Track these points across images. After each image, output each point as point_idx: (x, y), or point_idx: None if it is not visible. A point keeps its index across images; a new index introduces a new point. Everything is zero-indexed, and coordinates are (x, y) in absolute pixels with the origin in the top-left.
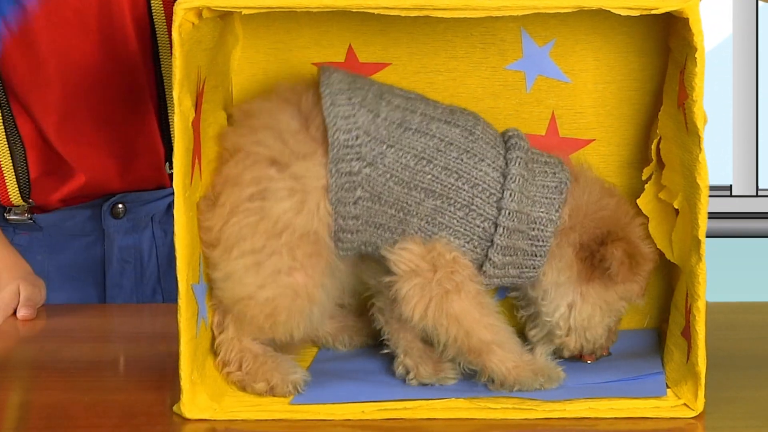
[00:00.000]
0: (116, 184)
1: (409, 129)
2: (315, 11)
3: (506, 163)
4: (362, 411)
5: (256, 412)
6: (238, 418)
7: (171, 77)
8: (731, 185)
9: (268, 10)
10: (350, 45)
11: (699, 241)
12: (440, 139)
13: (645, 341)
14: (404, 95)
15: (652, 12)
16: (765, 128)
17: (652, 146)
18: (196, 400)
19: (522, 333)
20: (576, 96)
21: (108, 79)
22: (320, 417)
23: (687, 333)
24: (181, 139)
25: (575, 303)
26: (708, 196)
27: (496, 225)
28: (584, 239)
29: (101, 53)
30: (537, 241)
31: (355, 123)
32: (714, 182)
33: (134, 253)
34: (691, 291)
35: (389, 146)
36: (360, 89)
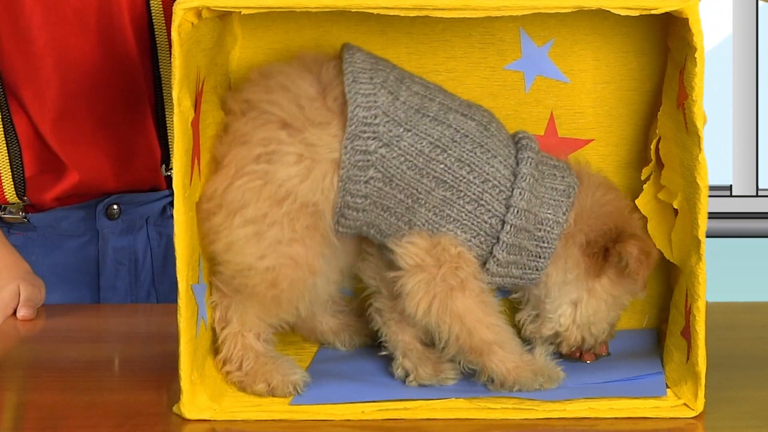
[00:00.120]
0: (111, 184)
1: (427, 116)
2: (314, 11)
3: (517, 163)
4: (362, 411)
5: (256, 413)
6: (238, 419)
7: (169, 78)
8: (731, 185)
9: (268, 10)
10: None
11: (699, 241)
12: (456, 130)
13: (645, 341)
14: (423, 83)
15: (652, 12)
16: (765, 128)
17: (651, 146)
18: (196, 401)
19: (519, 331)
20: (575, 96)
21: (106, 79)
22: (320, 417)
23: (687, 333)
24: (181, 140)
25: (581, 299)
26: (708, 196)
27: (504, 222)
28: (591, 236)
29: (100, 52)
30: (542, 243)
31: (375, 102)
32: (714, 182)
33: (129, 255)
34: (691, 291)
35: (406, 130)
36: (382, 70)
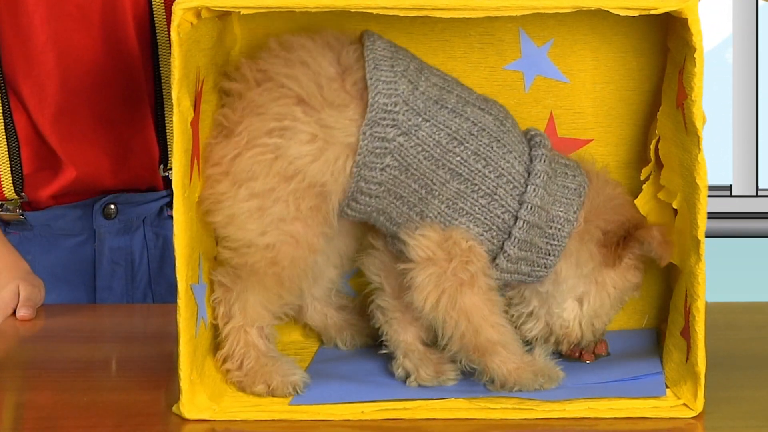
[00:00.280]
0: (108, 182)
1: (445, 107)
2: (314, 11)
3: (531, 159)
4: (362, 411)
5: (256, 413)
6: (238, 419)
7: (170, 77)
8: (731, 185)
9: (267, 10)
10: None
11: (698, 241)
12: (474, 123)
13: (644, 341)
14: (441, 75)
15: (651, 12)
16: (765, 128)
17: (651, 146)
18: (196, 401)
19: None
20: (574, 96)
21: (107, 76)
22: (320, 417)
23: (686, 333)
24: (180, 139)
25: (589, 292)
26: (707, 196)
27: (516, 218)
28: (608, 227)
29: (102, 49)
30: (553, 240)
31: (396, 90)
32: (714, 182)
33: (125, 255)
34: (691, 291)
35: (425, 120)
36: (402, 59)
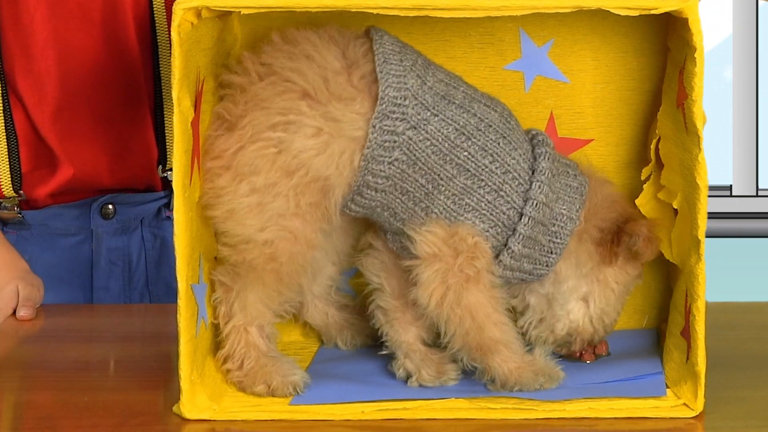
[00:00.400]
0: (106, 181)
1: (453, 103)
2: (314, 11)
3: (534, 158)
4: (362, 411)
5: (256, 413)
6: (238, 419)
7: (170, 77)
8: (731, 185)
9: (267, 10)
10: None
11: (698, 241)
12: (480, 119)
13: (644, 341)
14: (447, 72)
15: (651, 12)
16: (765, 128)
17: (651, 146)
18: (196, 401)
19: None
20: (575, 96)
21: (107, 75)
22: (320, 417)
23: (686, 333)
24: (181, 139)
25: (593, 292)
26: (707, 196)
27: (521, 214)
28: (603, 225)
29: (102, 48)
30: (555, 237)
31: (405, 84)
32: (714, 182)
33: (122, 256)
34: (691, 291)
35: (434, 114)
36: (410, 55)
